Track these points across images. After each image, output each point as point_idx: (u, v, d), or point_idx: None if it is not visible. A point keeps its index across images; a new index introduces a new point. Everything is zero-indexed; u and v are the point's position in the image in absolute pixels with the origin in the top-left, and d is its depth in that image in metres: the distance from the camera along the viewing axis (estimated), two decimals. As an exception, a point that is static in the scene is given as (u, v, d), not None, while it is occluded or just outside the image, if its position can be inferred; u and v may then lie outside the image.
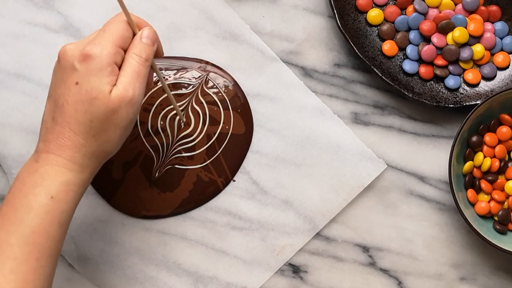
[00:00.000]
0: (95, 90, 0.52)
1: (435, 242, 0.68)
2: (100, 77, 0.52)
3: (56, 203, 0.52)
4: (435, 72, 0.68)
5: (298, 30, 0.69)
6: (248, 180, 0.67)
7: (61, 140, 0.52)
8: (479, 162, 0.65)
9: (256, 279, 0.67)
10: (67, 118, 0.52)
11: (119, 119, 0.53)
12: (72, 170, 0.53)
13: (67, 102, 0.52)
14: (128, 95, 0.52)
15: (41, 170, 0.52)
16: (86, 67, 0.52)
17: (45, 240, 0.51)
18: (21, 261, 0.50)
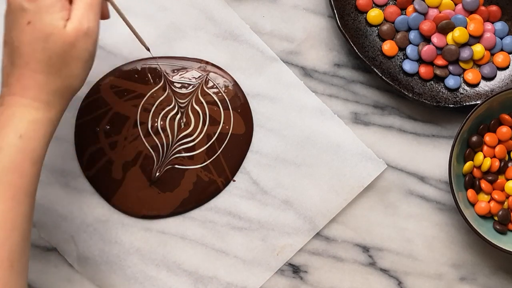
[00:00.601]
0: (49, 26, 0.51)
1: (435, 242, 0.68)
2: (52, 13, 0.51)
3: (25, 142, 0.51)
4: (435, 72, 0.68)
5: (298, 30, 0.69)
6: (248, 180, 0.67)
7: (23, 81, 0.52)
8: (479, 162, 0.65)
9: (256, 279, 0.67)
10: (26, 59, 0.52)
11: (78, 52, 0.53)
12: (38, 108, 0.52)
13: (22, 43, 0.52)
14: (83, 27, 0.52)
15: (6, 112, 0.52)
16: (36, 5, 0.51)
17: (18, 178, 0.51)
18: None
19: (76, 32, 0.52)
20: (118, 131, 0.66)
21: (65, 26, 0.52)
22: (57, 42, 0.52)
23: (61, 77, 0.53)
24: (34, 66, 0.52)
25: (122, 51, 0.67)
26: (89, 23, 0.53)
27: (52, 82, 0.53)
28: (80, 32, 0.52)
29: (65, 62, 0.52)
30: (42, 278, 0.66)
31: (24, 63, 0.52)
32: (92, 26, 0.53)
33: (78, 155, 0.67)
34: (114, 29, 0.68)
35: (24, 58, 0.52)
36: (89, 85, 0.67)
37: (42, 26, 0.51)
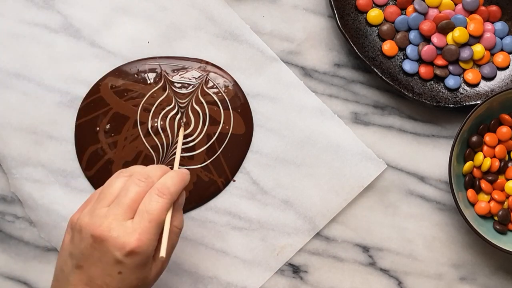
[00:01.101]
0: (139, 279, 0.53)
1: (435, 242, 0.68)
2: (145, 268, 0.53)
3: None
4: (435, 72, 0.68)
5: (298, 30, 0.69)
6: (248, 180, 0.67)
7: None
8: (479, 162, 0.65)
9: (256, 279, 0.67)
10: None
11: (150, 285, 0.55)
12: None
13: (107, 286, 0.52)
14: (163, 268, 0.55)
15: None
16: (132, 262, 0.52)
17: None
18: None
19: (157, 274, 0.54)
20: (118, 131, 0.66)
21: (151, 276, 0.54)
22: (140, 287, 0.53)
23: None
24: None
25: (122, 51, 0.67)
26: (167, 264, 0.55)
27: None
28: (160, 273, 0.55)
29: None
30: (42, 278, 0.66)
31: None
32: (166, 265, 0.56)
33: (78, 155, 0.67)
34: (114, 29, 0.68)
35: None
36: (89, 85, 0.67)
37: (132, 279, 0.52)
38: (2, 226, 0.67)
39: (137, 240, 0.51)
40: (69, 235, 0.55)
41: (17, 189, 0.66)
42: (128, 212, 0.52)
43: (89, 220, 0.53)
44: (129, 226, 0.52)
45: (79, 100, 0.67)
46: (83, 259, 0.52)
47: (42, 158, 0.66)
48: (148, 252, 0.52)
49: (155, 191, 0.53)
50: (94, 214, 0.53)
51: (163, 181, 0.54)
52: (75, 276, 0.53)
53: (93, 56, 0.67)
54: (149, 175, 0.54)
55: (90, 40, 0.68)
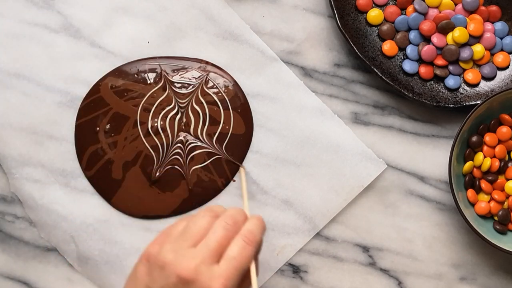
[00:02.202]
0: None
1: (435, 242, 0.68)
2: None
3: None
4: (435, 72, 0.68)
5: (298, 30, 0.69)
6: (248, 180, 0.67)
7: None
8: (479, 162, 0.65)
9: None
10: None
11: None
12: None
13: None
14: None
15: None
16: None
17: None
18: None
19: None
20: (118, 131, 0.66)
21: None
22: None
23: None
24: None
25: (122, 51, 0.67)
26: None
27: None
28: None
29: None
30: (42, 278, 0.66)
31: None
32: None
33: (78, 155, 0.67)
34: (114, 29, 0.68)
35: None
36: (89, 85, 0.67)
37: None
38: (2, 226, 0.67)
39: (222, 285, 0.51)
40: (145, 268, 0.53)
41: (17, 189, 0.66)
42: (215, 256, 0.52)
43: (174, 258, 0.52)
44: (216, 271, 0.51)
45: (79, 100, 0.67)
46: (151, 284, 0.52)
47: (42, 158, 0.66)
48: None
49: (243, 237, 0.53)
50: (180, 253, 0.52)
51: (250, 228, 0.54)
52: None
53: (93, 56, 0.67)
54: (236, 220, 0.54)
55: (90, 40, 0.68)
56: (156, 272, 0.52)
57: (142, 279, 0.53)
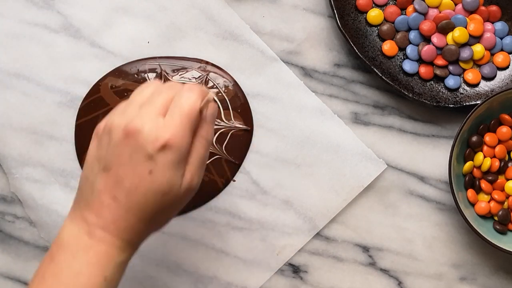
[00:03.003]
0: (170, 183, 0.49)
1: (435, 242, 0.68)
2: (177, 170, 0.49)
3: (109, 284, 0.50)
4: (435, 72, 0.68)
5: (298, 30, 0.69)
6: (248, 180, 0.67)
7: (122, 223, 0.49)
8: (479, 162, 0.65)
9: (256, 279, 0.67)
10: (134, 205, 0.49)
11: (180, 206, 0.52)
12: (126, 250, 0.50)
13: (136, 188, 0.49)
14: (193, 185, 0.51)
15: (96, 248, 0.49)
16: (164, 158, 0.48)
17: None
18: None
19: (188, 190, 0.50)
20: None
21: (181, 184, 0.50)
22: (171, 199, 0.50)
23: (159, 224, 0.52)
24: (140, 214, 0.49)
25: (122, 51, 0.67)
26: (199, 179, 0.51)
27: (150, 229, 0.51)
28: (190, 190, 0.51)
29: (169, 213, 0.51)
30: (42, 278, 0.66)
31: (131, 208, 0.49)
32: (198, 182, 0.51)
33: (78, 155, 0.67)
34: (114, 29, 0.68)
35: (133, 203, 0.49)
36: (89, 85, 0.67)
37: (163, 181, 0.49)
38: (2, 226, 0.67)
39: (170, 134, 0.48)
40: (94, 142, 0.51)
41: (17, 189, 0.66)
42: (161, 110, 0.50)
43: (120, 119, 0.49)
44: (161, 122, 0.49)
45: (79, 100, 0.67)
46: (112, 160, 0.49)
47: (42, 158, 0.66)
48: (182, 149, 0.49)
49: (185, 90, 0.51)
50: (125, 114, 0.50)
51: (193, 85, 0.52)
52: (101, 181, 0.49)
53: (93, 56, 0.67)
54: (180, 84, 0.52)
55: (90, 40, 0.68)
56: (104, 139, 0.50)
57: (92, 154, 0.51)
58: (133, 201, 0.49)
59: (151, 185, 0.48)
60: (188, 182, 0.50)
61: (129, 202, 0.49)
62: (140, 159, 0.48)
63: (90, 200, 0.50)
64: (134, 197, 0.49)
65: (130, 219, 0.49)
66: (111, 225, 0.49)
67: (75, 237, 0.50)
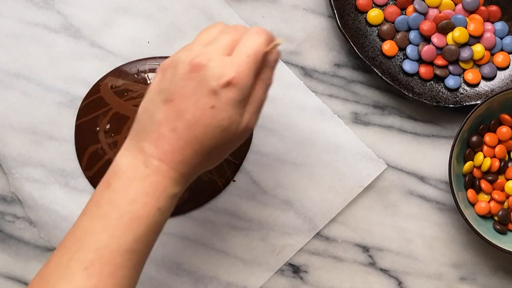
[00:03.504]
0: (230, 120, 0.49)
1: (435, 242, 0.68)
2: (238, 108, 0.49)
3: (161, 215, 0.50)
4: (435, 72, 0.68)
5: (298, 30, 0.69)
6: (248, 180, 0.67)
7: (179, 155, 0.49)
8: (479, 162, 0.65)
9: (256, 279, 0.67)
10: (193, 138, 0.49)
11: (235, 145, 0.52)
12: (180, 184, 0.51)
13: (197, 122, 0.49)
14: (251, 127, 0.51)
15: (152, 178, 0.49)
16: (227, 95, 0.49)
17: (145, 248, 0.50)
18: (120, 266, 0.48)
19: (245, 131, 0.51)
20: (118, 131, 0.66)
21: (240, 123, 0.50)
22: (229, 136, 0.50)
23: (211, 162, 0.52)
24: (198, 148, 0.50)
25: (122, 51, 0.68)
26: (256, 121, 0.52)
27: (203, 166, 0.51)
28: (248, 131, 0.51)
29: (223, 151, 0.52)
30: (42, 278, 0.66)
31: (190, 141, 0.49)
32: (255, 123, 0.52)
33: (78, 155, 0.67)
34: (114, 29, 0.68)
35: (192, 137, 0.49)
36: (89, 85, 0.67)
37: (225, 117, 0.49)
38: (2, 226, 0.67)
39: (235, 72, 0.49)
40: (159, 76, 0.51)
41: (17, 189, 0.66)
42: (227, 49, 0.50)
43: (186, 55, 0.50)
44: (227, 60, 0.49)
45: (79, 100, 0.67)
46: (175, 92, 0.49)
47: (42, 158, 0.66)
48: (245, 88, 0.49)
49: (253, 32, 0.51)
50: (192, 51, 0.50)
51: (260, 28, 0.52)
52: (162, 112, 0.49)
53: (93, 56, 0.67)
54: (246, 27, 0.53)
55: (90, 40, 0.68)
56: (169, 73, 0.50)
57: (155, 87, 0.51)
58: (192, 134, 0.49)
59: (211, 120, 0.49)
60: (247, 121, 0.51)
61: (188, 135, 0.49)
62: (203, 93, 0.49)
63: (148, 130, 0.50)
64: (194, 130, 0.49)
65: (188, 152, 0.49)
66: (169, 157, 0.49)
67: (131, 166, 0.50)
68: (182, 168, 0.50)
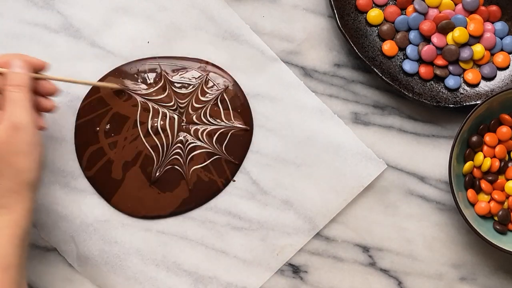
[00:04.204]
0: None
1: (435, 242, 0.68)
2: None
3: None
4: (435, 72, 0.68)
5: (298, 30, 0.69)
6: (248, 180, 0.67)
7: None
8: (479, 162, 0.65)
9: (256, 279, 0.67)
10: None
11: (15, 147, 0.54)
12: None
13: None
14: (12, 124, 0.54)
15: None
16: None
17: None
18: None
19: (5, 131, 0.54)
20: (118, 131, 0.66)
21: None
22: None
23: (9, 176, 0.54)
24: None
25: (122, 51, 0.67)
26: (17, 117, 0.54)
27: (2, 185, 0.53)
28: (9, 130, 0.54)
29: (6, 161, 0.53)
30: (42, 278, 0.66)
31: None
32: (20, 120, 0.54)
33: (78, 155, 0.67)
34: (114, 29, 0.68)
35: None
36: (89, 85, 0.67)
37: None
38: (2, 226, 0.67)
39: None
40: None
41: (17, 189, 0.66)
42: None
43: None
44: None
45: (79, 100, 0.67)
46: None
47: (42, 158, 0.66)
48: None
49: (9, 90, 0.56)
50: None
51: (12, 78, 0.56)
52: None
53: (93, 56, 0.67)
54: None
55: (90, 40, 0.68)
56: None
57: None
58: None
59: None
60: (4, 125, 0.54)
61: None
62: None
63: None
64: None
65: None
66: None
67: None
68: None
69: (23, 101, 0.55)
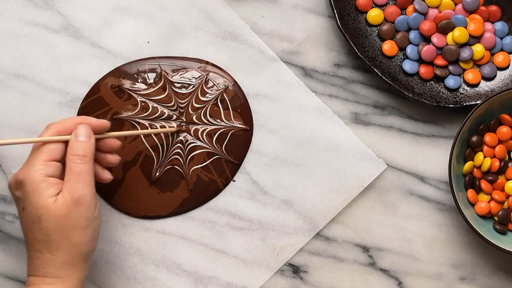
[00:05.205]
0: (39, 207, 0.54)
1: (435, 242, 0.68)
2: (39, 194, 0.54)
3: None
4: (435, 72, 0.68)
5: (298, 30, 0.69)
6: (248, 180, 0.67)
7: (33, 262, 0.55)
8: (479, 162, 0.65)
9: (256, 279, 0.67)
10: (30, 241, 0.55)
11: (74, 221, 0.55)
12: (52, 284, 0.55)
13: (24, 228, 0.56)
14: (73, 198, 0.55)
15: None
16: (22, 191, 0.55)
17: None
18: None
19: (66, 204, 0.54)
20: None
21: (56, 201, 0.54)
22: (49, 219, 0.54)
23: (65, 249, 0.55)
24: (38, 246, 0.55)
25: (122, 51, 0.67)
26: (79, 191, 0.55)
27: (58, 257, 0.55)
28: (70, 203, 0.54)
29: (64, 234, 0.54)
30: (42, 278, 0.66)
31: (30, 246, 0.56)
32: (82, 193, 0.55)
33: (78, 155, 0.67)
34: (114, 29, 0.68)
35: (29, 241, 0.56)
36: (89, 85, 0.67)
37: (33, 208, 0.54)
38: (2, 226, 0.67)
39: (19, 170, 0.56)
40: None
41: (17, 189, 0.66)
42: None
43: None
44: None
45: (79, 100, 0.67)
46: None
47: (42, 158, 0.66)
48: (32, 176, 0.54)
49: (73, 161, 0.56)
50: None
51: (75, 147, 0.57)
52: None
53: (93, 56, 0.67)
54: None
55: (90, 40, 0.68)
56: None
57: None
58: (28, 240, 0.56)
59: (28, 218, 0.55)
60: (65, 197, 0.55)
61: (28, 243, 0.56)
62: (16, 204, 0.57)
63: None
64: (27, 236, 0.56)
65: (36, 255, 0.56)
66: (29, 269, 0.56)
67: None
68: (42, 270, 0.55)
69: (86, 174, 0.55)
